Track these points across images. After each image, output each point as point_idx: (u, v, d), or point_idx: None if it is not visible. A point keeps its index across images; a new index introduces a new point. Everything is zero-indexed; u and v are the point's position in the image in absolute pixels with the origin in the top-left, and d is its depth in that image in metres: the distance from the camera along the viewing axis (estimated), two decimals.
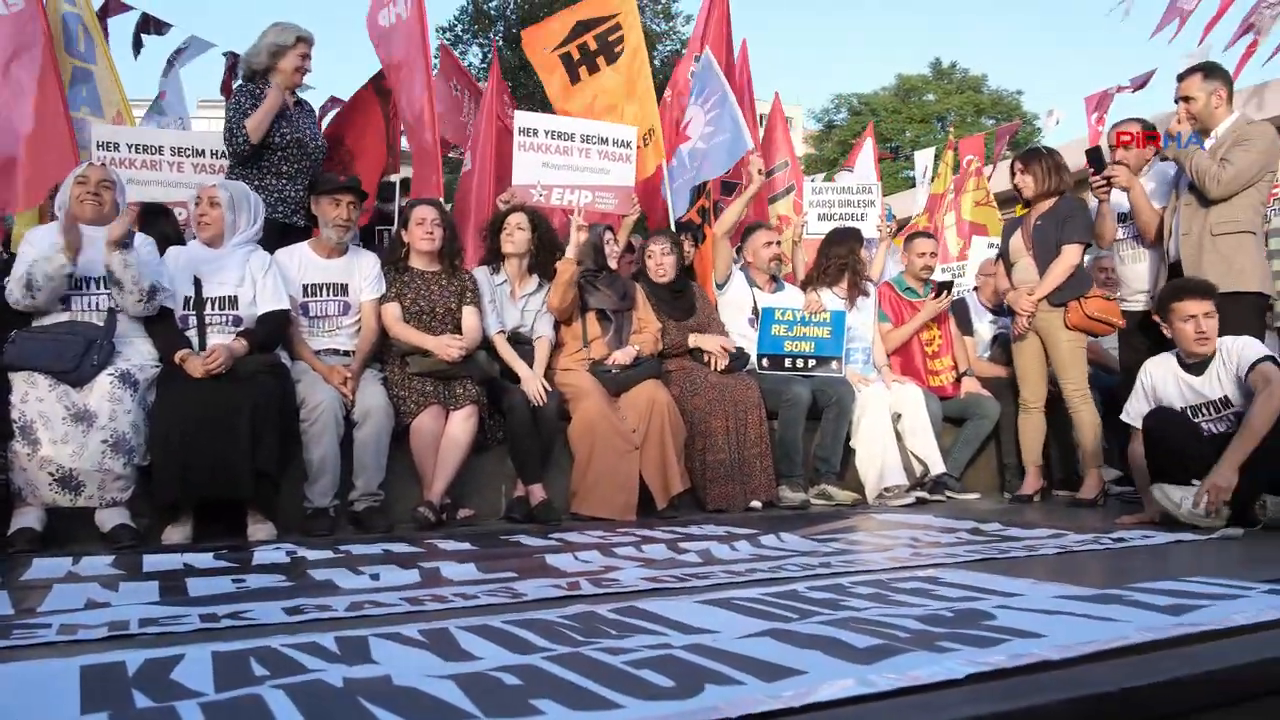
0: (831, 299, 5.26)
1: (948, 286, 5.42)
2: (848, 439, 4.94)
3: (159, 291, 3.66)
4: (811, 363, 5.07)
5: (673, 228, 5.59)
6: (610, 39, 6.06)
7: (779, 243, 5.44)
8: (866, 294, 5.40)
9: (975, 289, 6.37)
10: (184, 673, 1.61)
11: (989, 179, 9.69)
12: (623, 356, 4.48)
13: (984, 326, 5.98)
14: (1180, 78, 4.53)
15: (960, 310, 5.88)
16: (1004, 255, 5.03)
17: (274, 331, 3.91)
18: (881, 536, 3.51)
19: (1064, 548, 3.16)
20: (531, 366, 4.37)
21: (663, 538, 3.42)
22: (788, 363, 5.06)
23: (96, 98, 5.84)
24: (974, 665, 1.51)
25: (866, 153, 8.75)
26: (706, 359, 4.77)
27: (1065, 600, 2.09)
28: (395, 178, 7.14)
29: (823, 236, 5.57)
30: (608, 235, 4.75)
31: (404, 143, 6.09)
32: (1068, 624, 1.83)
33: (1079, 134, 11.54)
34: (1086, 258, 4.94)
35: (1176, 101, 4.54)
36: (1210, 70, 4.51)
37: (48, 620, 2.06)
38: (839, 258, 5.30)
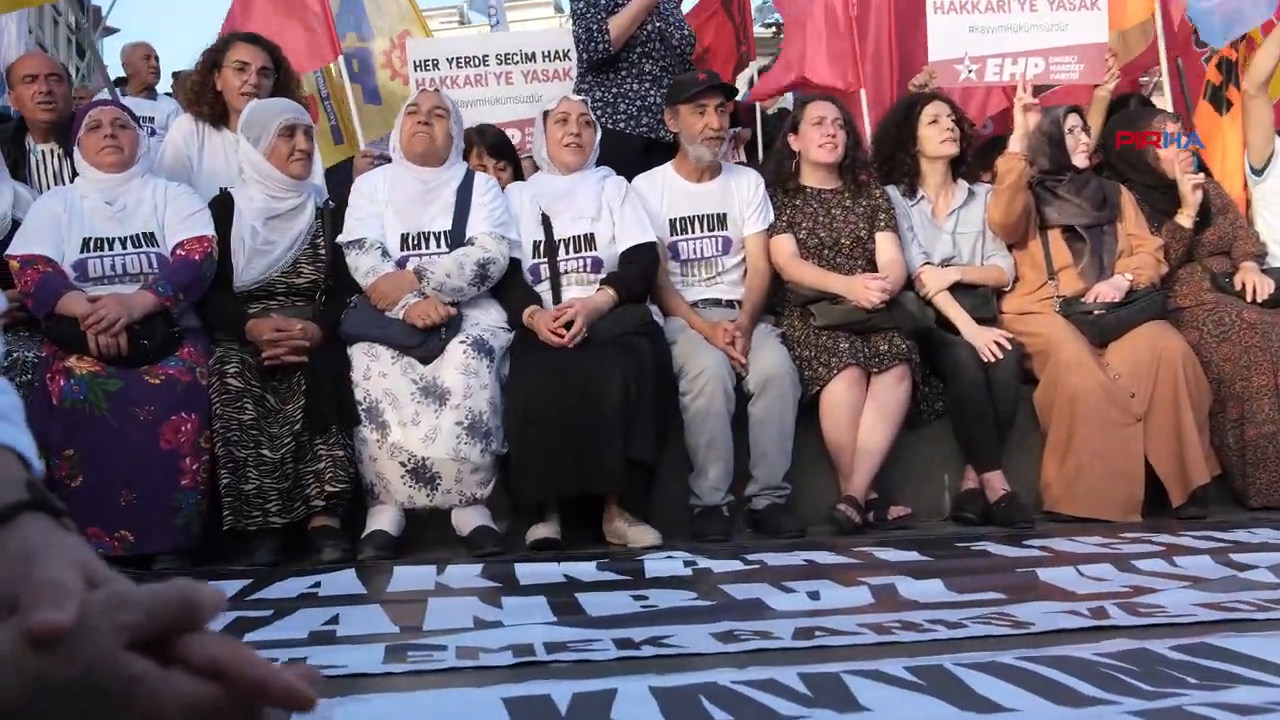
0: None
1: None
2: None
3: (491, 264, 3.93)
4: None
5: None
6: None
7: None
8: None
9: None
10: (625, 711, 1.72)
11: None
12: (1109, 290, 4.24)
13: None
14: None
15: None
16: None
17: (645, 271, 4.06)
18: None
19: None
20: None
21: (1200, 547, 3.26)
22: None
23: (365, 21, 6.18)
24: None
25: None
26: (1240, 286, 4.40)
27: None
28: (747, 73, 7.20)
29: None
30: (1071, 120, 4.54)
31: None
32: None
33: None
34: None
35: None
36: None
37: (441, 641, 2.24)
38: None
